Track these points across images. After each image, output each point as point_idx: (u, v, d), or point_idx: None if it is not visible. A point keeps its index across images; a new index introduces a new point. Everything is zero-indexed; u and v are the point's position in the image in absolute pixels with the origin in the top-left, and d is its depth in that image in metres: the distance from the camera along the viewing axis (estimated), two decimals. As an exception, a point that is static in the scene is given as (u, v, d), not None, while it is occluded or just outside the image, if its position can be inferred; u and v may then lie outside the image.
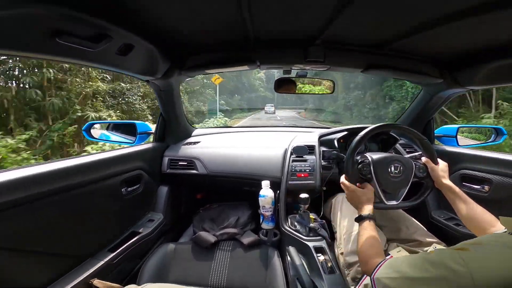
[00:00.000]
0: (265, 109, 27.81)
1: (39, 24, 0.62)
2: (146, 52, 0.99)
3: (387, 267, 0.61)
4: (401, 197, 0.94)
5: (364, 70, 1.20)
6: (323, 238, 1.09)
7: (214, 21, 0.89)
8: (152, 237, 1.27)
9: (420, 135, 1.00)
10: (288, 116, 25.73)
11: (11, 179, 0.72)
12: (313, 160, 1.39)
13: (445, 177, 0.91)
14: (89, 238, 1.00)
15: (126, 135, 1.53)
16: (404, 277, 0.54)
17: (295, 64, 1.20)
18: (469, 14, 0.72)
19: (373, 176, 0.94)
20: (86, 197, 0.98)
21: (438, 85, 1.30)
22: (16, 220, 0.74)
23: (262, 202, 1.29)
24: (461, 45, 1.00)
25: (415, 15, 0.78)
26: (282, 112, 34.66)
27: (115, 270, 1.04)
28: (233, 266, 1.12)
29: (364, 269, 0.77)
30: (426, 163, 0.96)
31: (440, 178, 0.90)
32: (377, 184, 0.93)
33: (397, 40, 0.99)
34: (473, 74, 1.11)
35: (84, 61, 0.86)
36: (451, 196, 0.86)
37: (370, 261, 0.72)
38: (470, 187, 1.19)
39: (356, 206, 0.92)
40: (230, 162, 1.50)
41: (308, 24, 0.91)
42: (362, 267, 0.79)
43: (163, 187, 1.52)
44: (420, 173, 0.95)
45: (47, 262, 0.85)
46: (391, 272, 0.58)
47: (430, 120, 1.53)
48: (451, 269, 0.47)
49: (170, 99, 1.45)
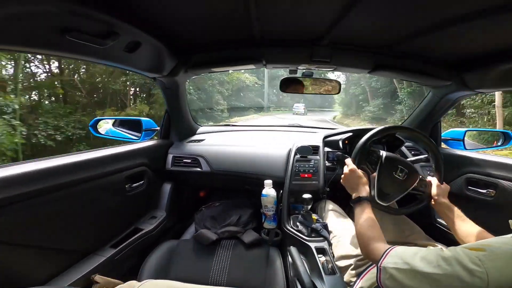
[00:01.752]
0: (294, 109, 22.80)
1: (49, 21, 0.63)
2: (153, 49, 1.00)
3: (395, 256, 0.59)
4: (392, 201, 0.92)
5: (372, 71, 1.19)
6: (325, 239, 1.08)
7: (221, 19, 0.89)
8: (154, 234, 1.28)
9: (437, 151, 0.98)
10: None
11: (15, 174, 0.74)
12: (317, 161, 1.39)
13: (445, 197, 0.90)
14: (92, 233, 1.02)
15: (132, 132, 1.55)
16: (414, 270, 0.52)
17: (301, 64, 1.20)
18: (480, 16, 0.70)
19: (377, 170, 0.93)
20: (90, 193, 0.99)
21: (446, 88, 1.28)
22: (20, 214, 0.75)
23: (264, 201, 1.29)
24: (471, 46, 0.98)
25: (426, 16, 0.77)
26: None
27: (116, 266, 1.05)
28: (234, 265, 1.12)
29: (365, 252, 0.74)
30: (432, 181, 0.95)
31: (441, 196, 0.90)
32: (377, 179, 0.92)
33: (406, 40, 0.98)
34: (483, 77, 1.09)
35: (92, 58, 0.87)
36: (449, 215, 0.85)
37: (371, 244, 0.70)
38: (476, 191, 1.18)
39: (352, 188, 0.91)
40: (234, 160, 1.50)
41: (315, 23, 0.91)
42: (362, 250, 0.77)
43: (166, 184, 1.53)
44: (420, 187, 0.95)
45: (50, 257, 0.86)
46: (400, 262, 0.56)
47: (437, 123, 1.51)
48: (467, 268, 0.46)
49: (176, 97, 1.46)
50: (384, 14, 0.79)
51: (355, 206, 0.85)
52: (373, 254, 0.68)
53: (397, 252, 0.60)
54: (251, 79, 16.07)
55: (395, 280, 0.55)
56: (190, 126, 1.74)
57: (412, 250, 0.58)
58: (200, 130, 1.84)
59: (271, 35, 1.04)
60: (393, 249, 0.62)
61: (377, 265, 0.62)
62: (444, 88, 1.30)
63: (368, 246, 0.72)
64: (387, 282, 0.57)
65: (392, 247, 0.63)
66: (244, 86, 16.62)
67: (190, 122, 1.73)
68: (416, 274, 0.52)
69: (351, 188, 0.92)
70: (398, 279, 0.55)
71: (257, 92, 21.43)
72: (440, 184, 0.93)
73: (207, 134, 1.77)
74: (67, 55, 0.80)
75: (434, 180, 0.94)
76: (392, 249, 0.62)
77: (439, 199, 0.89)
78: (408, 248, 0.61)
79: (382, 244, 0.69)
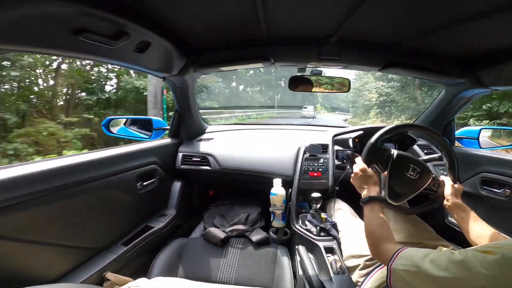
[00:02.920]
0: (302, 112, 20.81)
1: (63, 22, 0.64)
2: (163, 49, 1.01)
3: (405, 258, 0.58)
4: (403, 200, 0.90)
5: (382, 69, 1.17)
6: (334, 238, 1.08)
7: (229, 18, 0.89)
8: (164, 232, 1.30)
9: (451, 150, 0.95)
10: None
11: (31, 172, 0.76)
12: (326, 159, 1.38)
13: (458, 197, 0.87)
14: (104, 231, 1.04)
15: (143, 131, 1.57)
16: (424, 273, 0.52)
17: (310, 62, 1.19)
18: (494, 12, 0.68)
19: (388, 169, 0.90)
20: (103, 191, 1.01)
21: (460, 85, 1.24)
22: (36, 211, 0.77)
23: (273, 200, 1.29)
24: (485, 43, 0.95)
25: (438, 12, 0.75)
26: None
27: (127, 263, 1.08)
28: (242, 263, 1.13)
29: (375, 252, 0.73)
30: (445, 180, 0.92)
31: (454, 196, 0.87)
32: (388, 178, 0.89)
33: (418, 38, 0.96)
34: (498, 74, 1.06)
35: (104, 58, 0.89)
36: (461, 215, 0.82)
37: (381, 245, 0.69)
38: (491, 191, 1.14)
39: (361, 187, 0.89)
40: (243, 159, 1.50)
41: (323, 21, 0.90)
42: (371, 250, 0.75)
43: (176, 182, 1.55)
44: (432, 187, 0.92)
45: (63, 254, 0.88)
46: (409, 265, 0.55)
47: (451, 121, 1.48)
48: (477, 272, 0.45)
49: (185, 96, 1.48)
50: (394, 10, 0.77)
51: (365, 206, 0.84)
52: (382, 255, 0.67)
53: (406, 254, 0.59)
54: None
55: (404, 282, 0.55)
56: (200, 124, 1.76)
57: (422, 252, 0.57)
58: (209, 129, 1.86)
59: (279, 33, 1.03)
60: (403, 251, 0.61)
61: (387, 266, 0.61)
62: (457, 86, 1.27)
63: (377, 246, 0.71)
64: (397, 284, 0.57)
65: (402, 248, 0.62)
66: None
67: (200, 120, 1.74)
68: (425, 276, 0.51)
69: (361, 187, 0.90)
70: (407, 281, 0.54)
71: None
72: (454, 183, 0.91)
73: (216, 133, 1.78)
74: (79, 55, 0.81)
75: (447, 179, 0.92)
76: (402, 250, 0.61)
77: (452, 199, 0.86)
78: (419, 250, 0.60)
79: (392, 245, 0.68)
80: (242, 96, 24.36)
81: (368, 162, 0.92)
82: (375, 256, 0.75)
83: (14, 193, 0.71)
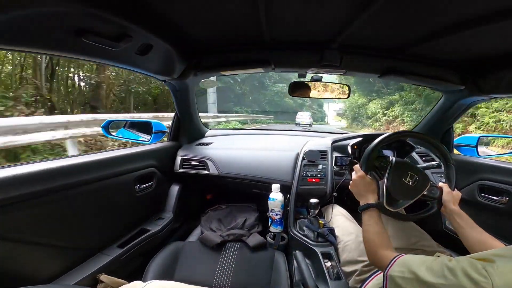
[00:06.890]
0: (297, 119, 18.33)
1: (66, 23, 0.65)
2: (164, 52, 1.02)
3: (401, 265, 0.59)
4: (401, 207, 0.90)
5: (382, 75, 1.18)
6: (331, 244, 1.07)
7: (231, 23, 0.90)
8: (160, 235, 1.29)
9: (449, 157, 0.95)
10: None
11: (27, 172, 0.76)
12: (325, 166, 1.38)
13: (455, 204, 0.88)
14: (99, 233, 1.03)
15: (142, 133, 1.57)
16: (419, 280, 0.52)
17: (310, 68, 1.20)
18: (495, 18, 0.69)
19: (386, 176, 0.90)
20: (100, 192, 1.00)
21: (459, 92, 1.25)
22: (30, 212, 0.77)
23: (271, 205, 1.29)
24: (485, 50, 0.95)
25: (439, 19, 0.76)
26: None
27: (122, 266, 1.06)
28: (238, 267, 1.12)
29: (372, 259, 0.74)
30: (443, 187, 0.92)
31: (451, 203, 0.87)
32: (386, 185, 0.89)
33: (417, 44, 0.96)
34: (498, 82, 1.06)
35: (106, 60, 0.90)
36: (459, 222, 0.82)
37: (379, 252, 0.70)
38: (488, 198, 1.14)
39: (360, 195, 0.90)
40: (242, 164, 1.50)
41: (324, 27, 0.91)
42: (369, 257, 0.76)
43: (174, 186, 1.55)
44: (431, 193, 0.92)
45: (57, 255, 0.88)
46: (405, 271, 0.56)
47: (450, 129, 1.48)
48: (472, 279, 0.45)
49: (186, 99, 1.48)
50: (395, 17, 0.78)
51: (363, 213, 0.84)
52: (380, 262, 0.68)
53: (403, 261, 0.60)
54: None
55: None
56: (199, 128, 1.76)
57: (419, 259, 0.58)
58: (208, 133, 1.86)
59: (280, 38, 1.04)
60: (400, 257, 0.61)
61: (383, 272, 0.61)
62: (457, 93, 1.27)
63: (375, 253, 0.72)
64: None
65: (399, 255, 0.63)
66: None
67: (199, 124, 1.75)
68: (421, 284, 0.52)
69: (359, 194, 0.91)
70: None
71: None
72: (451, 190, 0.91)
73: (215, 137, 1.79)
74: (81, 57, 0.82)
75: (445, 186, 0.92)
76: (399, 257, 0.61)
77: (450, 206, 0.87)
78: (415, 256, 0.60)
79: (389, 251, 0.69)
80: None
81: (367, 169, 0.93)
82: (373, 263, 0.75)
83: (9, 193, 0.70)
